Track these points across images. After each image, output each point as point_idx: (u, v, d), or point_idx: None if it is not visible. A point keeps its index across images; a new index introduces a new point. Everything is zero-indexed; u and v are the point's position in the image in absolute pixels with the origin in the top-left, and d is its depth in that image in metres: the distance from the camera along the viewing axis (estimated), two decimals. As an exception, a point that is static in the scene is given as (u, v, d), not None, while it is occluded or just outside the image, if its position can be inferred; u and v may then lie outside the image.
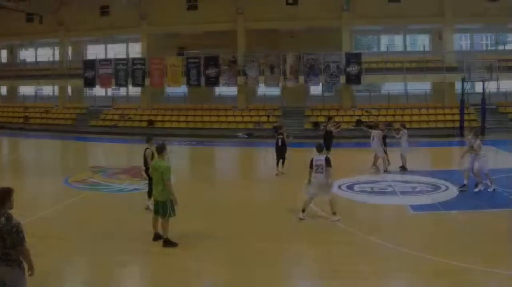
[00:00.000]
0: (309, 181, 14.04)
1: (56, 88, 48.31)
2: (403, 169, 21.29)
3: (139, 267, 10.65)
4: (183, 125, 40.30)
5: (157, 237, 11.86)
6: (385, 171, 21.10)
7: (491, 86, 36.51)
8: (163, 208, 11.49)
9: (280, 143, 21.38)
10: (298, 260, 10.98)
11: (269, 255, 11.11)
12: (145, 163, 14.40)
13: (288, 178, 20.55)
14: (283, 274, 10.12)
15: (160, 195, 11.53)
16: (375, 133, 21.41)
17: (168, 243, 11.55)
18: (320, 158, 13.89)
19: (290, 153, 22.06)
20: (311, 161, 13.95)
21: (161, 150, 11.92)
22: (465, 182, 16.95)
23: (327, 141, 23.66)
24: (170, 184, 11.59)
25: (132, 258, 10.87)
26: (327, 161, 13.80)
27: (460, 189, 16.94)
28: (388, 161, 21.42)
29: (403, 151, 21.42)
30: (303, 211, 14.00)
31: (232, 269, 10.35)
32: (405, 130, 21.48)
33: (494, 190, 16.69)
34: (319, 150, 14.21)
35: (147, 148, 14.48)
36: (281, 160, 21.33)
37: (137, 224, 13.26)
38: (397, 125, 23.17)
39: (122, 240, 12.12)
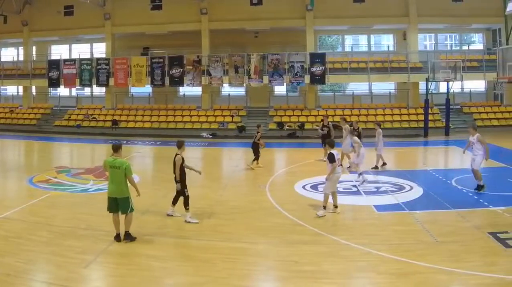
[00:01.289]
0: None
1: (21, 88, 47.64)
2: (383, 164, 21.85)
3: (103, 266, 10.53)
4: (147, 125, 40.17)
5: (119, 237, 11.90)
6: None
7: (456, 86, 37.05)
8: (124, 205, 11.82)
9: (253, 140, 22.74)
10: (262, 260, 10.99)
11: (232, 254, 11.12)
12: (175, 169, 13.93)
13: (254, 178, 20.75)
14: (246, 274, 10.10)
15: (121, 192, 11.80)
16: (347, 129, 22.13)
17: (128, 235, 11.89)
18: (337, 153, 14.31)
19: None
20: (333, 157, 14.07)
21: (117, 148, 12.20)
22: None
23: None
24: (133, 179, 12.07)
25: (95, 257, 10.74)
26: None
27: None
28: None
29: (378, 149, 21.67)
30: (325, 207, 14.42)
31: (195, 268, 10.33)
32: (380, 130, 21.71)
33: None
34: (332, 145, 14.48)
35: (177, 154, 13.96)
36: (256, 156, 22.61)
37: (101, 224, 13.15)
38: (361, 125, 23.33)
39: (86, 239, 12.03)
